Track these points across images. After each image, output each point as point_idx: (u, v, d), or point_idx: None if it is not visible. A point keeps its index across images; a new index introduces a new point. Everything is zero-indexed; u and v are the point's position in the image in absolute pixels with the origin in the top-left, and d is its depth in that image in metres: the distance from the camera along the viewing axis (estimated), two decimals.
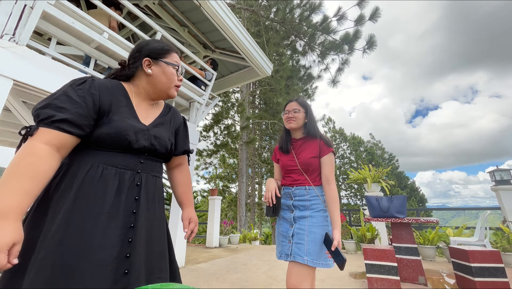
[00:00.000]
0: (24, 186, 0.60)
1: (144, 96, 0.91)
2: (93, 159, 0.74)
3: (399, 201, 2.84)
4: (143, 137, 0.82)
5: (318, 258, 1.19)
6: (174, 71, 0.92)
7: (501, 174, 4.40)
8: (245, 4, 8.05)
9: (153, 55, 0.89)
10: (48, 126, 0.67)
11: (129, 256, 0.71)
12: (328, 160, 1.35)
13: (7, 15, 1.74)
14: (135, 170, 0.80)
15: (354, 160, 26.88)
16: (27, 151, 0.64)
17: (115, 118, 0.78)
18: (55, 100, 0.70)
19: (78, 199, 0.68)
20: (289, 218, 1.34)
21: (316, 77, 9.95)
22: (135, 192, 0.78)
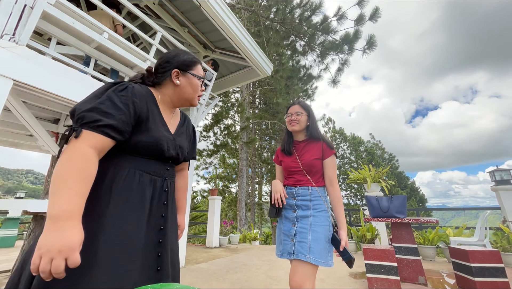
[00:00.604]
0: (81, 189, 0.63)
1: (168, 104, 0.96)
2: (129, 164, 0.78)
3: (399, 201, 2.84)
4: (172, 147, 0.89)
5: (320, 257, 1.20)
6: (199, 82, 0.99)
7: (501, 174, 4.40)
8: (245, 4, 8.05)
9: (182, 67, 0.94)
10: (93, 130, 0.69)
11: (160, 255, 0.79)
12: (331, 162, 1.39)
13: (7, 15, 1.74)
14: (163, 177, 0.87)
15: (354, 160, 26.89)
16: (79, 154, 0.66)
17: (152, 128, 0.82)
18: (100, 104, 0.72)
19: (121, 205, 0.73)
20: (291, 217, 1.36)
21: (316, 77, 9.95)
22: (164, 197, 0.86)
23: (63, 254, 0.56)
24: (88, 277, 0.62)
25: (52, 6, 2.03)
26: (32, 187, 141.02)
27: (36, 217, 3.07)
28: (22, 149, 4.28)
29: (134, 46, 2.80)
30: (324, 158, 1.39)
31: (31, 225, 3.09)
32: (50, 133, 3.36)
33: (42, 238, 0.57)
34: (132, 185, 0.76)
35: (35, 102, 2.78)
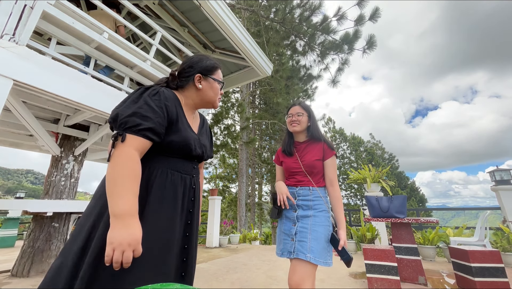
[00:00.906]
0: (135, 189, 0.71)
1: (190, 106, 1.02)
2: (161, 164, 0.85)
3: (399, 201, 2.84)
4: (198, 146, 0.96)
5: (320, 256, 1.21)
6: (219, 86, 1.06)
7: (501, 174, 4.40)
8: (245, 4, 8.05)
9: (204, 72, 1.01)
10: (135, 134, 0.75)
11: (186, 247, 0.88)
12: (331, 162, 1.41)
13: (7, 15, 1.74)
14: (191, 175, 0.95)
15: (354, 160, 26.88)
16: (129, 158, 0.73)
17: (181, 128, 0.89)
18: (139, 109, 0.78)
19: (158, 202, 0.80)
20: (292, 216, 1.37)
21: (316, 77, 9.95)
22: (192, 193, 0.94)
23: (132, 247, 0.66)
24: (136, 268, 0.70)
25: (52, 6, 2.03)
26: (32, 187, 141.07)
27: (36, 217, 3.07)
28: (22, 149, 4.28)
29: (134, 46, 2.80)
30: (324, 159, 1.41)
31: (31, 225, 3.09)
32: (50, 133, 3.36)
33: (112, 233, 0.65)
34: (166, 183, 0.83)
35: (35, 102, 2.78)
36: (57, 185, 3.19)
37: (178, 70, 1.03)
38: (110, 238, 0.65)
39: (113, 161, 0.72)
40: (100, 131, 3.22)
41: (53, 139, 3.30)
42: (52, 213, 2.90)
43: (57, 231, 3.11)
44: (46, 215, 2.90)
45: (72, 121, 3.29)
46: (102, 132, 3.19)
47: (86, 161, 3.88)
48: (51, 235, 3.04)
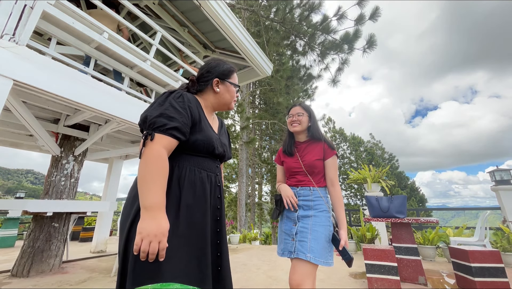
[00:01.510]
0: (163, 184, 0.77)
1: (209, 109, 1.08)
2: (188, 162, 0.90)
3: (399, 201, 2.83)
4: (219, 145, 1.01)
5: (320, 256, 1.21)
6: (236, 89, 1.12)
7: (501, 174, 4.41)
8: (245, 4, 8.05)
9: (222, 76, 1.07)
10: (163, 133, 0.81)
11: (219, 242, 0.94)
12: (332, 162, 1.41)
13: (7, 15, 1.74)
14: (216, 173, 1.00)
15: (354, 160, 26.88)
16: (158, 155, 0.78)
17: (204, 128, 0.95)
18: (166, 110, 0.84)
19: (190, 198, 0.85)
20: (292, 216, 1.38)
21: (316, 77, 9.94)
22: (218, 191, 0.99)
23: (158, 238, 0.70)
24: (176, 258, 0.75)
25: (52, 6, 2.03)
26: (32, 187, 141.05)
27: (36, 217, 3.07)
28: (22, 149, 4.28)
29: (134, 46, 2.80)
30: (325, 159, 1.42)
31: (31, 225, 3.09)
32: (50, 133, 3.36)
33: (142, 224, 0.71)
34: (195, 181, 0.89)
35: (35, 102, 2.78)
36: (57, 185, 3.19)
37: (197, 76, 1.10)
38: (139, 228, 0.71)
39: (144, 158, 0.78)
40: (100, 131, 3.22)
41: (53, 139, 3.30)
42: (52, 213, 2.91)
43: (57, 231, 3.11)
44: (46, 215, 2.90)
45: (72, 121, 3.29)
46: (102, 132, 3.19)
47: (86, 161, 3.88)
48: (51, 235, 3.04)
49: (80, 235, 6.18)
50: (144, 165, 0.77)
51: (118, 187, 5.13)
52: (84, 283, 2.66)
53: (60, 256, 3.14)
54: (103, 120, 3.48)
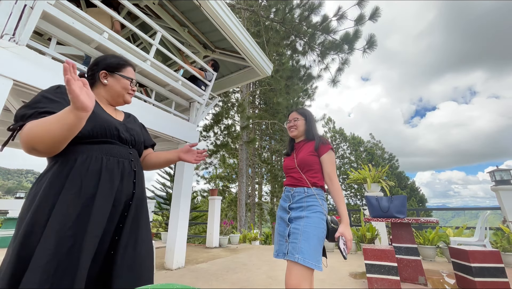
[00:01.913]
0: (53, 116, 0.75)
1: (105, 103, 1.04)
2: (94, 151, 0.86)
3: (399, 201, 2.83)
4: (124, 129, 0.97)
5: (309, 257, 1.18)
6: (128, 82, 1.06)
7: (501, 174, 4.40)
8: (245, 4, 8.05)
9: (109, 68, 1.04)
10: (35, 117, 0.76)
11: (122, 226, 0.88)
12: (328, 157, 1.40)
13: (7, 15, 1.74)
14: (129, 159, 0.96)
15: (354, 160, 26.88)
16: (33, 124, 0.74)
17: (97, 114, 0.88)
18: (37, 103, 0.80)
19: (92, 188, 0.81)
20: (286, 218, 1.39)
21: (316, 77, 9.94)
22: (133, 176, 0.95)
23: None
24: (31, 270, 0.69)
25: (52, 6, 2.03)
26: None
27: None
28: (22, 149, 4.28)
29: (134, 46, 2.80)
30: (321, 154, 1.41)
31: None
32: None
33: None
34: (101, 168, 0.84)
35: None
36: None
37: (87, 70, 1.07)
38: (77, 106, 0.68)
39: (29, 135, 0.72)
40: None
41: None
42: None
43: None
44: None
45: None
46: None
47: None
48: None
49: None
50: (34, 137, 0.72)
51: None
52: None
53: None
54: None
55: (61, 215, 0.74)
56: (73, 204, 0.76)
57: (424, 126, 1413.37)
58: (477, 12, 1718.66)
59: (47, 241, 0.70)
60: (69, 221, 0.74)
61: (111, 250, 0.84)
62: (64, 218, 0.74)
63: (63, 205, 0.75)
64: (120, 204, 0.88)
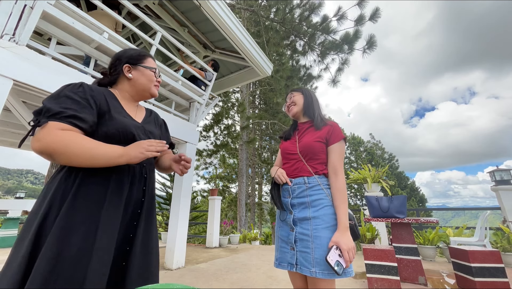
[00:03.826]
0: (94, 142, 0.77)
1: (129, 99, 1.01)
2: None
3: (399, 201, 2.83)
4: (142, 132, 0.93)
5: (330, 267, 0.96)
6: (152, 73, 1.02)
7: (501, 174, 4.40)
8: (245, 4, 8.05)
9: (132, 61, 1.00)
10: (60, 120, 0.73)
11: (132, 236, 0.85)
12: (339, 147, 1.16)
13: (7, 15, 1.74)
14: (141, 164, 0.91)
15: (354, 160, 26.90)
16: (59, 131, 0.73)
17: (116, 116, 0.86)
18: (61, 103, 0.77)
19: (102, 195, 0.78)
20: (288, 219, 1.14)
21: (316, 77, 9.95)
22: (143, 182, 0.91)
23: (144, 148, 0.80)
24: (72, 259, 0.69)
25: (52, 6, 2.03)
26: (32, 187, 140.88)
27: None
28: (22, 148, 4.28)
29: (134, 46, 2.80)
30: (331, 142, 1.16)
31: None
32: None
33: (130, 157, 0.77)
34: (110, 176, 0.80)
35: (35, 102, 2.78)
36: None
37: (108, 67, 1.04)
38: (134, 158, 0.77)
39: (53, 143, 0.69)
40: None
41: None
42: None
43: None
44: None
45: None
46: None
47: None
48: None
49: None
50: (63, 148, 0.70)
51: None
52: None
53: None
54: None
55: (64, 223, 0.70)
56: (80, 213, 0.73)
57: (424, 127, 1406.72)
58: (477, 12, 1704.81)
59: (49, 249, 0.67)
60: (75, 231, 0.71)
61: (122, 261, 0.81)
62: (68, 227, 0.70)
63: (68, 212, 0.72)
64: (128, 213, 0.84)
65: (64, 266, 0.66)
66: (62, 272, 0.65)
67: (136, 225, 0.86)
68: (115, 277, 0.78)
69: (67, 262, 0.67)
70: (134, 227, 0.85)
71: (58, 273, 0.65)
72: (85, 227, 0.72)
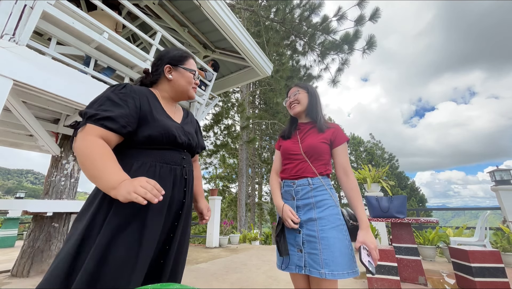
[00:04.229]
0: (111, 162, 0.74)
1: (168, 100, 1.02)
2: (149, 158, 0.85)
3: (399, 201, 2.83)
4: (182, 133, 0.94)
5: (338, 268, 0.98)
6: (192, 75, 1.03)
7: (501, 174, 4.40)
8: (245, 4, 8.05)
9: (173, 62, 1.01)
10: (94, 123, 0.75)
11: (172, 236, 0.87)
12: (345, 149, 1.19)
13: (7, 15, 1.74)
14: (181, 165, 0.93)
15: (354, 160, 26.90)
16: (90, 139, 0.74)
17: (158, 118, 0.88)
18: (101, 104, 0.79)
19: None
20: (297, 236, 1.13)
21: (316, 77, 9.95)
22: (184, 184, 0.93)
23: (136, 188, 0.69)
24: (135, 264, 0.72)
25: (52, 6, 2.03)
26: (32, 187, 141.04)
27: (36, 217, 3.07)
28: (22, 149, 4.28)
29: (134, 46, 2.80)
30: (336, 145, 1.18)
31: (31, 225, 3.09)
32: (50, 133, 3.36)
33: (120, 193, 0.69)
34: (154, 177, 0.82)
35: (35, 102, 2.78)
36: (57, 185, 3.18)
37: (151, 66, 1.05)
38: (120, 196, 0.68)
39: (77, 150, 0.72)
40: None
41: (53, 139, 3.30)
42: (52, 213, 2.90)
43: (57, 231, 3.11)
44: (46, 215, 2.90)
45: (72, 121, 3.29)
46: None
47: None
48: (51, 235, 3.04)
49: None
50: (80, 157, 0.71)
51: None
52: None
53: None
54: None
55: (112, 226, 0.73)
56: (125, 216, 0.75)
57: (424, 127, 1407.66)
58: (476, 12, 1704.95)
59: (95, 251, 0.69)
60: (121, 235, 0.73)
61: (161, 259, 0.84)
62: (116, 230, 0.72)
63: (116, 216, 0.74)
64: (171, 214, 0.87)
65: (110, 268, 0.68)
66: (108, 274, 0.68)
67: (176, 225, 0.88)
68: (153, 273, 0.82)
69: (114, 264, 0.69)
70: (175, 227, 0.88)
71: (104, 274, 0.67)
72: (132, 231, 0.74)
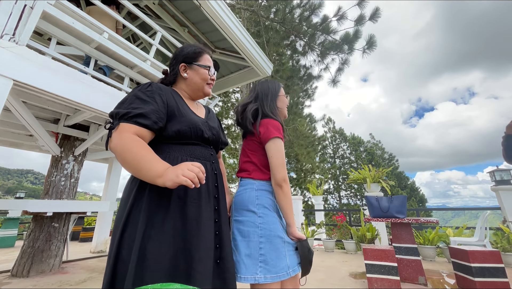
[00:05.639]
0: (150, 154, 0.74)
1: (187, 98, 1.02)
2: (180, 153, 0.86)
3: (399, 201, 2.83)
4: (207, 128, 0.95)
5: None
6: (206, 71, 1.01)
7: (501, 174, 4.41)
8: (245, 4, 8.04)
9: (187, 60, 0.99)
10: (127, 121, 0.77)
11: (217, 233, 0.87)
12: None
13: (7, 15, 1.74)
14: (211, 161, 0.94)
15: (354, 160, 26.89)
16: (126, 136, 0.75)
17: (185, 113, 0.89)
18: (130, 103, 0.81)
19: (181, 191, 0.80)
20: None
21: (316, 77, 9.94)
22: (215, 179, 0.93)
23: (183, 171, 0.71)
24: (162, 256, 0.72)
25: (52, 6, 2.03)
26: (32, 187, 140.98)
27: (36, 217, 3.06)
28: (22, 149, 4.28)
29: (134, 46, 2.80)
30: None
31: (31, 225, 3.09)
32: (50, 133, 3.36)
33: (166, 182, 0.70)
34: None
35: (35, 102, 2.78)
36: (57, 185, 3.18)
37: (168, 66, 1.05)
38: (168, 181, 0.68)
39: (115, 148, 0.73)
40: (100, 132, 3.22)
41: (53, 139, 3.30)
42: (52, 213, 2.90)
43: (57, 231, 3.11)
44: (46, 215, 2.90)
45: (72, 121, 3.29)
46: (102, 133, 3.19)
47: (86, 161, 3.87)
48: (51, 235, 3.04)
49: (80, 235, 6.18)
50: (120, 153, 0.72)
51: (118, 187, 5.13)
52: (84, 283, 2.66)
53: (60, 256, 3.14)
54: (103, 120, 3.48)
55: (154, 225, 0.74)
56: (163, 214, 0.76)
57: (423, 127, 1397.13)
58: (476, 12, 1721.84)
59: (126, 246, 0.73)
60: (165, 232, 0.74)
61: (216, 259, 0.84)
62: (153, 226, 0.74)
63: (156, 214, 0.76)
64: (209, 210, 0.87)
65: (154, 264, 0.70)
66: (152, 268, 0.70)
67: (217, 222, 0.88)
68: None
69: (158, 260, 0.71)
70: (216, 225, 0.88)
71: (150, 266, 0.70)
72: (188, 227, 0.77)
